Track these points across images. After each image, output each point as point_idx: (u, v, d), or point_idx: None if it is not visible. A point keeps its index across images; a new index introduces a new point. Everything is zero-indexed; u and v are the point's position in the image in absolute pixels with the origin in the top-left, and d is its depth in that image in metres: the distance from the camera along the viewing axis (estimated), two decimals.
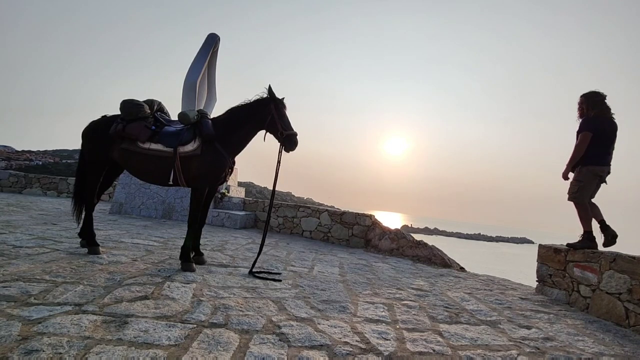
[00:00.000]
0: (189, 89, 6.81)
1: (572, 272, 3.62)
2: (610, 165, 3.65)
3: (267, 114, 3.55)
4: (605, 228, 3.68)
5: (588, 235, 3.67)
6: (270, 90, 3.58)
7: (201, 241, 4.11)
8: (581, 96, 3.80)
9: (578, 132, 3.69)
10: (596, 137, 3.59)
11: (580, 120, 3.73)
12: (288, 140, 3.54)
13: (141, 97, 3.83)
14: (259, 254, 3.85)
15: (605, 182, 3.71)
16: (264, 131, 3.64)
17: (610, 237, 3.64)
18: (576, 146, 3.65)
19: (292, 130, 3.54)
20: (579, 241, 3.70)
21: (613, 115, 3.67)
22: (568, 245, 3.77)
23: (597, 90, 3.72)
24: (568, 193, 3.74)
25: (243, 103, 3.65)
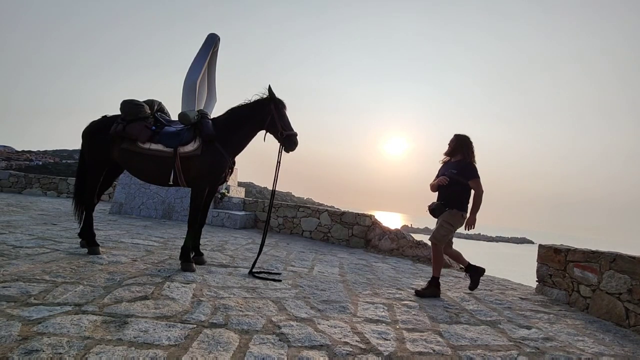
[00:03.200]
0: (189, 89, 6.81)
1: (572, 272, 3.62)
2: None
3: (267, 114, 3.55)
4: (473, 269, 3.82)
5: (435, 281, 3.52)
6: (270, 90, 3.58)
7: (201, 241, 4.11)
8: (459, 137, 3.74)
9: (469, 176, 3.58)
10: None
11: (461, 162, 3.65)
12: (288, 141, 3.54)
13: (141, 97, 3.83)
14: (259, 254, 3.85)
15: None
16: (264, 131, 3.64)
17: (474, 281, 3.80)
18: (480, 194, 3.58)
19: (292, 130, 3.54)
20: (426, 287, 3.50)
21: None
22: (416, 292, 3.48)
23: (468, 136, 3.77)
24: (433, 234, 3.63)
25: (243, 103, 3.65)
